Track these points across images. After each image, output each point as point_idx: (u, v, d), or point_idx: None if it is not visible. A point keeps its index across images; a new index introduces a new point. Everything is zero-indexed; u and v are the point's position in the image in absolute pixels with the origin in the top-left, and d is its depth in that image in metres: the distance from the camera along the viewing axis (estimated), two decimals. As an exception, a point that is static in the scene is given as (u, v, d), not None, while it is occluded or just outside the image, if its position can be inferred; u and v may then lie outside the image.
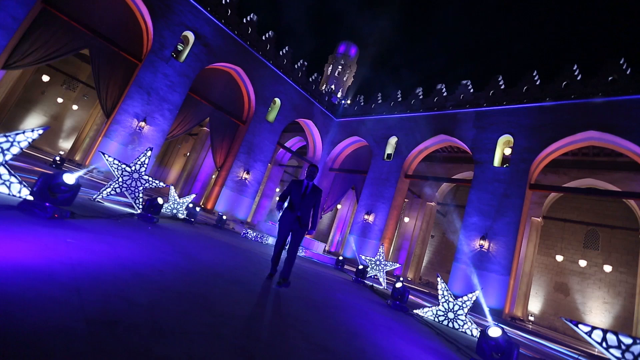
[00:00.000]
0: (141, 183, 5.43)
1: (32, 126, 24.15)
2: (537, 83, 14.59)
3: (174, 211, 7.96)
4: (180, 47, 15.76)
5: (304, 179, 4.02)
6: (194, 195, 8.44)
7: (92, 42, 13.45)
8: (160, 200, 5.04)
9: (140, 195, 5.46)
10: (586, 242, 19.53)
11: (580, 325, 2.42)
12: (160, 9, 14.26)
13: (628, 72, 12.35)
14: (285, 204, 4.00)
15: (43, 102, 23.76)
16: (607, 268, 15.89)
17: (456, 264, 14.01)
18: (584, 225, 18.86)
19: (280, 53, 19.18)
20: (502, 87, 15.70)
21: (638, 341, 2.30)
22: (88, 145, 18.54)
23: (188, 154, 23.97)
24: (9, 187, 3.04)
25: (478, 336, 3.12)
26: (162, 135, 14.94)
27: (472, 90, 16.79)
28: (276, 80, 19.01)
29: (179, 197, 8.40)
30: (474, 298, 4.97)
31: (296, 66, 20.11)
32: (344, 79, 47.60)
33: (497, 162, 14.68)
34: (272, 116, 19.34)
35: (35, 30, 12.23)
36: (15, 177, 3.08)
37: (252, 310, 2.32)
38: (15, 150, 3.03)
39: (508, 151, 14.83)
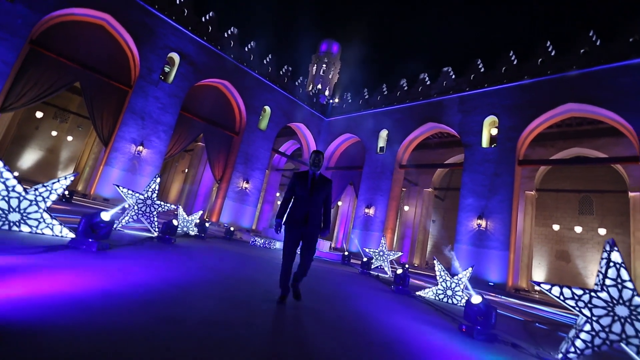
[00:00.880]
0: (154, 208, 5.93)
1: (29, 162, 24.49)
2: (515, 63, 15.13)
3: (185, 229, 8.45)
4: (167, 69, 16.18)
5: (307, 169, 3.30)
6: (200, 212, 8.93)
7: (82, 75, 13.85)
8: (175, 222, 5.54)
9: (156, 219, 5.95)
10: (581, 208, 20.18)
11: (542, 285, 2.95)
12: (143, 35, 14.67)
13: (598, 44, 12.91)
14: (285, 217, 3.24)
15: (38, 137, 24.10)
16: (602, 231, 16.55)
17: (457, 245, 14.58)
18: (576, 193, 19.50)
19: (264, 62, 19.62)
20: (482, 70, 16.24)
21: (587, 291, 2.84)
22: (89, 175, 18.94)
23: (186, 170, 24.40)
24: (52, 229, 3.54)
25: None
26: (161, 157, 15.39)
27: (453, 77, 17.31)
28: (264, 89, 19.46)
29: (186, 215, 8.89)
30: (467, 274, 5.52)
31: (281, 72, 20.57)
32: (330, 76, 48.06)
33: (485, 143, 15.23)
34: (263, 124, 19.81)
35: (26, 71, 12.62)
36: (56, 220, 3.58)
37: (273, 305, 2.83)
38: (53, 197, 3.54)
39: (494, 131, 15.37)
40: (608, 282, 2.77)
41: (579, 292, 2.85)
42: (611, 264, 2.80)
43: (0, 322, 1.34)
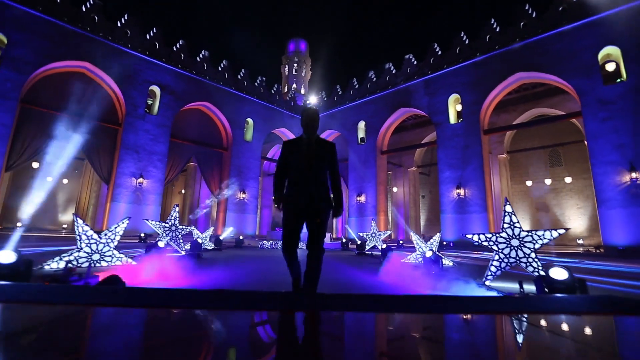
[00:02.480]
0: (179, 232, 7.20)
1: (29, 211, 25.17)
2: (466, 43, 16.56)
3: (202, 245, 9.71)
4: (150, 102, 17.12)
5: (301, 135, 2.69)
6: (212, 228, 10.19)
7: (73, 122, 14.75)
8: (199, 240, 6.83)
9: (181, 241, 7.23)
10: (551, 161, 22.02)
11: (467, 235, 4.38)
12: (122, 74, 15.59)
13: (534, 16, 14.40)
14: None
15: (34, 185, 24.74)
16: (568, 180, 18.33)
17: (443, 215, 16.16)
18: (544, 148, 21.27)
19: (239, 77, 20.67)
20: (439, 53, 17.64)
21: (493, 234, 4.28)
22: (93, 213, 19.85)
23: (183, 191, 25.41)
24: (121, 261, 4.82)
25: (422, 259, 5.11)
26: (160, 184, 16.48)
27: (415, 62, 18.70)
28: (243, 103, 20.55)
29: (200, 233, 10.14)
30: (437, 238, 6.96)
31: (256, 84, 21.64)
32: (303, 74, 49.03)
33: (452, 119, 16.72)
34: (249, 136, 20.95)
35: (21, 129, 13.51)
36: (122, 254, 4.86)
37: (289, 283, 4.19)
38: (117, 238, 4.80)
39: (459, 107, 16.86)
40: (505, 225, 4.21)
41: (489, 235, 4.28)
42: (506, 213, 4.23)
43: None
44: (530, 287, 3.34)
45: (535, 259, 3.99)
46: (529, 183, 20.35)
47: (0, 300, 1.65)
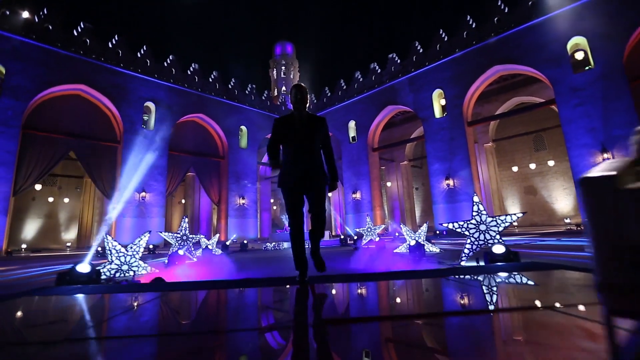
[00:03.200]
0: (190, 240, 7.88)
1: (32, 232, 25.55)
2: (446, 39, 17.32)
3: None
4: (146, 118, 17.66)
5: (291, 111, 2.77)
6: (218, 235, 10.86)
7: (74, 144, 15.28)
8: (209, 247, 7.51)
9: (192, 248, 7.90)
10: (536, 146, 22.93)
11: (442, 224, 5.11)
12: (117, 93, 16.12)
13: (506, 11, 15.20)
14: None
15: (35, 206, 25.14)
16: (551, 163, 19.25)
17: (435, 205, 16.96)
18: (529, 134, 22.15)
19: (229, 86, 21.25)
20: (421, 51, 18.39)
21: (465, 221, 5.01)
22: (97, 230, 20.33)
23: (183, 201, 25.94)
24: (145, 269, 5.50)
25: (409, 247, 5.87)
26: (162, 197, 17.06)
27: (399, 61, 19.44)
28: (235, 111, 21.15)
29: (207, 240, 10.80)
30: (424, 229, 7.71)
31: (247, 92, 22.24)
32: (291, 77, 49.57)
33: (437, 114, 17.50)
34: (244, 143, 21.56)
35: (25, 154, 13.99)
36: (146, 264, 5.54)
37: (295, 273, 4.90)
38: (141, 250, 5.48)
39: (443, 102, 17.64)
40: (474, 213, 4.95)
41: (461, 222, 5.02)
42: (474, 203, 4.97)
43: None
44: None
45: (501, 240, 4.74)
46: (514, 169, 21.24)
47: (89, 294, 2.35)
